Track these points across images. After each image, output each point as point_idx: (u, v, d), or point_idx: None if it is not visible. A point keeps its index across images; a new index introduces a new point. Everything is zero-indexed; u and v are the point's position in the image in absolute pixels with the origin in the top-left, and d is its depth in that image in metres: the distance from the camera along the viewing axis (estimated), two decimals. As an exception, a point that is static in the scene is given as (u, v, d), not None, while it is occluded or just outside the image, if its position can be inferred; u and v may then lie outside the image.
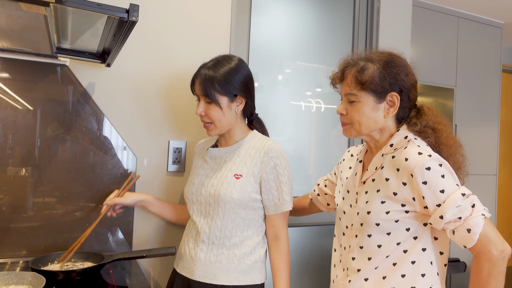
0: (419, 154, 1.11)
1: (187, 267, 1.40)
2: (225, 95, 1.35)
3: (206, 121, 1.39)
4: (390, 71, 1.17)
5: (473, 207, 1.08)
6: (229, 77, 1.35)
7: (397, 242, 1.15)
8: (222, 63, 1.37)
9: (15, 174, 1.48)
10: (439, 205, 1.09)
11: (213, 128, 1.39)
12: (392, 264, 1.16)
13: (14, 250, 1.47)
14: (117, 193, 1.49)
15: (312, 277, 1.96)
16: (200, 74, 1.36)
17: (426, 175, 1.09)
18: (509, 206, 3.93)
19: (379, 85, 1.16)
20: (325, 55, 2.08)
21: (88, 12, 0.98)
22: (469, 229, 1.06)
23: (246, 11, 1.84)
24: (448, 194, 1.08)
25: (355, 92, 1.18)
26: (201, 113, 1.38)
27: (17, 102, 1.48)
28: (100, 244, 1.58)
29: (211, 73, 1.35)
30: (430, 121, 1.20)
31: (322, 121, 2.08)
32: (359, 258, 1.21)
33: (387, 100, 1.18)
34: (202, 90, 1.35)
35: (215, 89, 1.34)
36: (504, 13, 3.22)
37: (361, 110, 1.18)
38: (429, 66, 3.05)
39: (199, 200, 1.41)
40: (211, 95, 1.34)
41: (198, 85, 1.37)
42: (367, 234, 1.18)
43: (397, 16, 2.16)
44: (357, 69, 1.18)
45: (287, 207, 1.38)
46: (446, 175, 1.10)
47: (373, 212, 1.17)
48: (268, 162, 1.36)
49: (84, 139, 1.57)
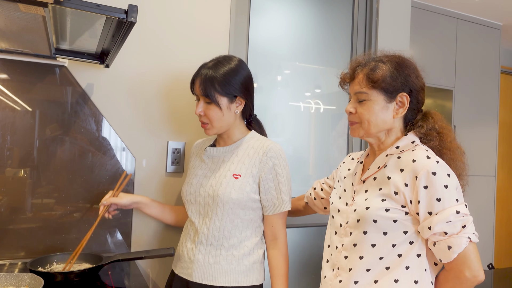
0: (428, 158, 1.11)
1: (186, 269, 1.39)
2: (225, 95, 1.35)
3: (204, 121, 1.39)
4: (402, 71, 1.18)
5: (463, 227, 1.07)
6: (229, 78, 1.35)
7: (392, 244, 1.14)
8: (223, 63, 1.37)
9: (14, 175, 1.48)
10: (430, 213, 1.08)
11: (210, 128, 1.39)
12: (385, 268, 1.14)
13: (12, 252, 1.47)
14: (112, 193, 1.47)
15: (311, 278, 1.96)
16: (200, 74, 1.36)
17: (430, 179, 1.08)
18: (507, 207, 3.93)
19: (390, 84, 1.17)
20: (324, 56, 2.08)
21: (86, 13, 0.98)
22: (450, 246, 1.06)
23: (245, 12, 1.84)
24: (443, 207, 1.07)
25: (366, 91, 1.18)
26: (200, 113, 1.38)
27: (16, 103, 1.48)
28: (99, 245, 1.58)
29: (211, 73, 1.34)
30: (436, 125, 1.20)
31: (321, 122, 2.08)
32: (352, 257, 1.19)
33: (397, 100, 1.18)
34: (202, 90, 1.35)
35: (215, 90, 1.34)
36: (502, 14, 3.23)
37: (371, 109, 1.18)
38: (428, 67, 3.03)
39: (197, 200, 1.40)
40: (211, 95, 1.33)
41: (198, 85, 1.37)
42: (363, 231, 1.17)
43: (396, 17, 2.16)
44: (369, 68, 1.19)
45: (285, 207, 1.38)
46: (450, 187, 1.09)
47: (372, 208, 1.16)
48: (267, 162, 1.36)
49: (83, 140, 1.57)
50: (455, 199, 1.09)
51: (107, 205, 1.44)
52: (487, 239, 3.33)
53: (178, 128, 1.72)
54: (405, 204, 1.13)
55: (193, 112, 1.71)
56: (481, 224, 3.29)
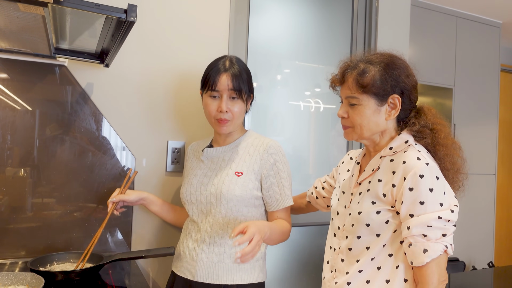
0: (418, 159, 1.09)
1: (188, 269, 1.39)
2: (247, 92, 1.39)
3: (227, 118, 1.36)
4: (392, 73, 1.16)
5: (443, 235, 1.06)
6: (250, 77, 1.42)
7: (383, 244, 1.14)
8: (239, 63, 1.40)
9: (14, 175, 1.48)
10: (411, 216, 1.08)
11: (230, 125, 1.38)
12: (377, 268, 1.15)
13: (13, 251, 1.47)
14: (119, 191, 1.48)
15: (311, 277, 1.96)
16: (228, 70, 1.35)
17: (416, 182, 1.07)
18: (508, 205, 3.93)
19: (381, 88, 1.15)
20: (323, 55, 2.08)
21: (86, 13, 0.98)
22: (426, 249, 1.05)
23: (245, 11, 1.84)
24: (425, 211, 1.06)
25: (357, 96, 1.17)
26: (226, 110, 1.35)
27: (16, 102, 1.48)
28: (99, 245, 1.58)
29: (238, 69, 1.37)
30: (429, 121, 1.18)
31: (321, 121, 2.08)
32: (348, 260, 1.20)
33: (388, 102, 1.17)
34: (234, 84, 1.34)
35: (244, 85, 1.37)
36: (502, 12, 3.22)
37: (363, 113, 1.17)
38: (427, 65, 3.05)
39: (199, 199, 1.40)
40: (244, 90, 1.36)
41: (227, 80, 1.34)
42: (357, 236, 1.17)
43: (396, 16, 2.16)
44: (358, 72, 1.16)
45: (288, 202, 1.40)
46: (435, 190, 1.07)
47: (364, 212, 1.16)
48: (268, 159, 1.37)
49: (83, 139, 1.57)
50: (439, 203, 1.07)
51: (117, 202, 1.45)
52: (487, 237, 3.33)
53: (178, 128, 1.72)
54: (393, 204, 1.13)
55: (193, 111, 1.72)
56: (481, 223, 3.28)
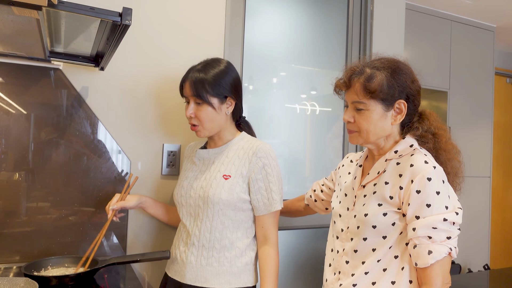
0: (425, 163, 1.11)
1: (179, 271, 1.39)
2: (216, 96, 1.36)
3: (194, 123, 1.39)
4: (398, 78, 1.17)
5: (448, 238, 1.08)
6: (219, 79, 1.36)
7: (389, 246, 1.15)
8: (212, 65, 1.39)
9: (8, 179, 1.47)
10: (417, 217, 1.09)
11: (201, 130, 1.39)
12: (383, 269, 1.16)
13: (7, 256, 1.46)
14: (120, 197, 1.48)
15: (308, 280, 1.96)
16: (190, 77, 1.37)
17: (424, 185, 1.09)
18: (503, 208, 3.95)
19: (388, 94, 1.16)
20: (319, 58, 2.09)
21: (81, 16, 0.98)
22: (431, 251, 1.07)
23: (240, 15, 1.84)
24: (431, 213, 1.08)
25: (364, 101, 1.17)
26: (190, 115, 1.38)
27: (10, 106, 1.47)
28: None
29: (201, 75, 1.35)
30: (431, 126, 1.21)
31: (317, 123, 2.08)
32: (353, 262, 1.20)
33: (394, 107, 1.18)
34: (193, 91, 1.35)
35: (206, 91, 1.35)
36: (496, 16, 3.25)
37: (370, 118, 1.17)
38: (422, 69, 3.03)
39: (188, 202, 1.40)
40: (202, 95, 1.34)
41: (188, 87, 1.37)
42: (363, 238, 1.18)
43: (391, 19, 2.17)
44: (365, 77, 1.17)
45: (276, 207, 1.38)
46: (442, 193, 1.09)
47: (370, 214, 1.17)
48: (257, 162, 1.36)
49: (78, 143, 1.56)
50: (444, 206, 1.09)
51: (117, 209, 1.45)
52: (482, 240, 3.34)
53: (173, 131, 1.71)
54: (400, 206, 1.14)
55: (189, 115, 1.71)
56: (477, 225, 3.30)
